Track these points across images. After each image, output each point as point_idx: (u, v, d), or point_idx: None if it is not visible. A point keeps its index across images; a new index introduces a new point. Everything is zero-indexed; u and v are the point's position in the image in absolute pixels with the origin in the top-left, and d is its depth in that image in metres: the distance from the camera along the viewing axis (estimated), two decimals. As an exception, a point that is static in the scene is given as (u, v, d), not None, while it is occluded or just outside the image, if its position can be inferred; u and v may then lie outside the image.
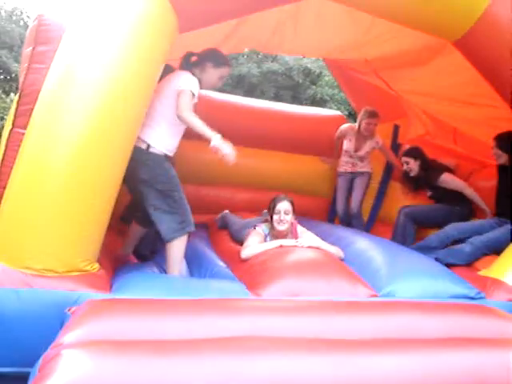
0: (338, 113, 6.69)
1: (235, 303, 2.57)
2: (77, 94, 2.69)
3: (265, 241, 3.63)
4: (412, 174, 4.97)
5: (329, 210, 5.91)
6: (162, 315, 2.27)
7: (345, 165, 5.59)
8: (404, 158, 5.01)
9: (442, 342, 2.23)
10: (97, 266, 2.88)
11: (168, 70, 3.54)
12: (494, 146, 4.26)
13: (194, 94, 3.22)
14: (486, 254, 3.86)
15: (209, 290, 2.82)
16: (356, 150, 5.51)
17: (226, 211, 4.99)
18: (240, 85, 14.09)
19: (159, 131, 3.29)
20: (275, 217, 3.61)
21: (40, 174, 2.67)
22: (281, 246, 3.41)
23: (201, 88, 3.37)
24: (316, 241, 3.59)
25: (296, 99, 14.27)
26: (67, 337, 2.02)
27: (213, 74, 3.40)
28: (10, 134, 3.14)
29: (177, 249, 3.32)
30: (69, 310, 2.38)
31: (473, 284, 3.15)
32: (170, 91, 3.28)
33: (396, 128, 5.88)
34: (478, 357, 2.11)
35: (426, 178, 4.91)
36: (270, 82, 14.23)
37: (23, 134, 2.87)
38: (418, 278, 3.06)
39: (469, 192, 4.64)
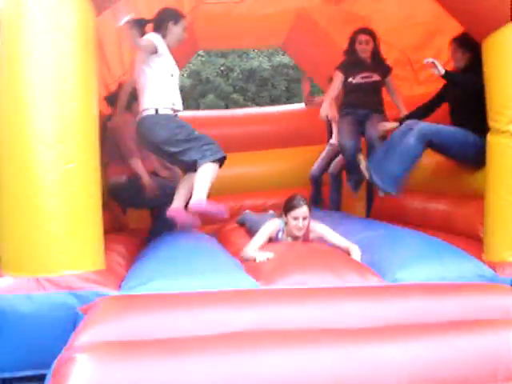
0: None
1: (245, 295, 2.56)
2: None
3: (276, 235, 3.63)
4: (363, 55, 4.70)
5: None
6: (172, 311, 2.28)
7: None
8: (364, 36, 4.65)
9: (455, 325, 2.22)
10: (103, 263, 2.85)
11: None
12: (454, 49, 3.98)
13: (153, 43, 3.46)
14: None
15: (216, 277, 2.81)
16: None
17: (247, 211, 5.01)
18: (251, 79, 14.09)
19: (158, 93, 3.56)
20: (293, 222, 3.49)
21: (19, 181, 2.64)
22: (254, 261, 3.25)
23: (171, 46, 3.63)
24: (331, 234, 3.59)
25: (308, 92, 14.20)
26: (79, 339, 2.05)
27: (177, 30, 3.64)
28: None
29: (207, 172, 3.50)
30: (81, 310, 2.41)
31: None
32: (141, 55, 3.57)
33: None
34: (490, 338, 2.11)
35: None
36: (281, 76, 14.19)
37: None
38: (427, 261, 3.01)
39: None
